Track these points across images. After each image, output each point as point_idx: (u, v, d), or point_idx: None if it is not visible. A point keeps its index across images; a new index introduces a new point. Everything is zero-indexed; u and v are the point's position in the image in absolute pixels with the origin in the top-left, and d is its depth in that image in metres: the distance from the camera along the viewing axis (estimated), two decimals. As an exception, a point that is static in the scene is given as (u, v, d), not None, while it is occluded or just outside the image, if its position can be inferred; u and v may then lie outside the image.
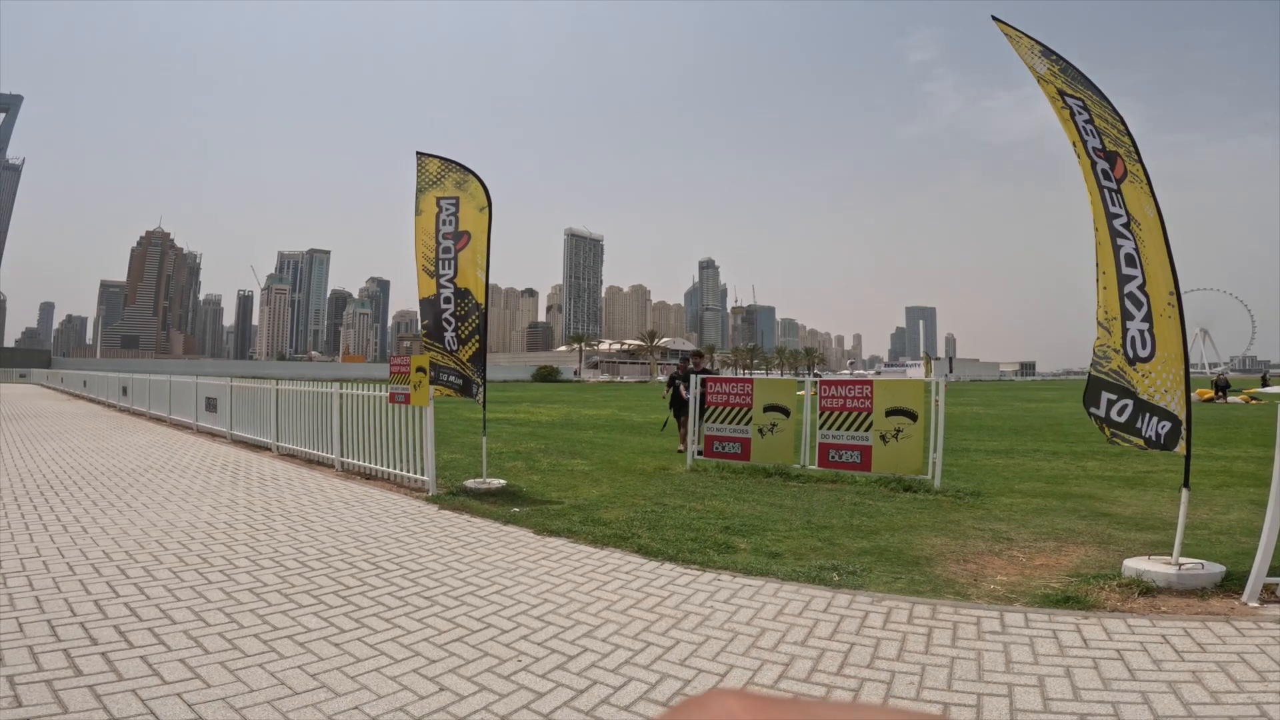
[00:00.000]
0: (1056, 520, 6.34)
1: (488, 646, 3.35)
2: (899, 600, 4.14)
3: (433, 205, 7.45)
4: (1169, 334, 4.46)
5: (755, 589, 4.32)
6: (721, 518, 6.26)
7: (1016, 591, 4.33)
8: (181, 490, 7.29)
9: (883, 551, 5.19)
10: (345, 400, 8.87)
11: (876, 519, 6.28)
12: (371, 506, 6.65)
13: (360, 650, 3.24)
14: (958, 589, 4.37)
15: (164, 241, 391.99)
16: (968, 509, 6.77)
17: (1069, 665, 3.25)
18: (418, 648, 3.30)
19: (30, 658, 3.02)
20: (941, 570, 4.76)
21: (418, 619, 3.68)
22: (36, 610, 3.62)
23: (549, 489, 7.65)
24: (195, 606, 3.75)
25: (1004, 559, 5.07)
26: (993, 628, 3.70)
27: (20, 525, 5.57)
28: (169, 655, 3.09)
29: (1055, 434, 15.13)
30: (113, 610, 3.65)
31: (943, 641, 3.53)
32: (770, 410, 8.68)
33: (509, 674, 3.06)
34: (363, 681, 2.92)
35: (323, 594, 4.03)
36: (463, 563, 4.79)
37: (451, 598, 4.04)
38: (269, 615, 3.65)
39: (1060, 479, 8.77)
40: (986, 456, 11.02)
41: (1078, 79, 4.80)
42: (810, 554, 5.12)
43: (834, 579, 4.53)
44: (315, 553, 4.94)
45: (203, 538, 5.30)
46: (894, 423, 7.74)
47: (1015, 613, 3.92)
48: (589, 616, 3.80)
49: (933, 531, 5.83)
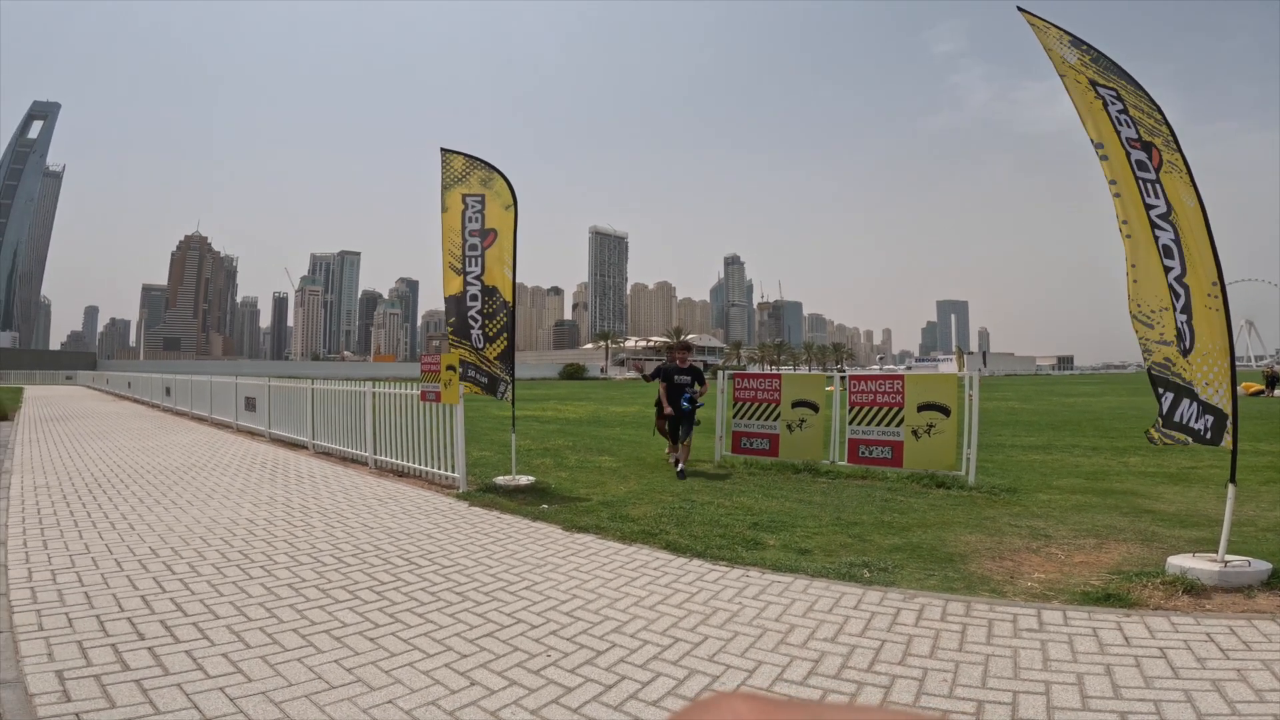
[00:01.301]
0: (1097, 517, 6.18)
1: (518, 641, 3.39)
2: (932, 597, 4.08)
3: (458, 202, 7.51)
4: (1211, 326, 4.32)
5: (784, 585, 4.30)
6: (750, 514, 6.23)
7: (1055, 589, 4.24)
8: (223, 488, 7.50)
9: (915, 548, 5.12)
10: (378, 399, 9.03)
11: (908, 515, 6.19)
12: (404, 503, 6.77)
13: (394, 645, 3.30)
14: (993, 586, 4.29)
15: (202, 245, 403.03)
16: (1003, 505, 6.63)
17: (1109, 663, 3.18)
18: (450, 642, 3.36)
19: (80, 652, 3.13)
20: (976, 567, 4.68)
21: (450, 614, 3.74)
22: (86, 605, 3.75)
23: (577, 486, 7.69)
24: (237, 601, 3.86)
25: (1042, 556, 4.96)
26: (1030, 625, 3.63)
27: (70, 522, 5.79)
28: (212, 650, 3.19)
29: (1095, 429, 14.73)
30: (159, 605, 3.78)
31: (977, 639, 3.47)
32: (799, 406, 8.61)
33: (539, 669, 3.10)
34: (396, 676, 2.98)
35: (358, 589, 4.12)
36: (493, 559, 4.85)
37: (483, 593, 4.09)
38: (307, 610, 3.75)
39: (1101, 475, 8.54)
40: (1023, 452, 10.78)
41: (1110, 69, 4.68)
42: (840, 550, 5.07)
43: (865, 575, 4.48)
44: (351, 549, 5.05)
45: (244, 534, 5.45)
46: (926, 418, 7.62)
47: (1053, 610, 3.84)
48: (617, 612, 3.82)
49: (967, 528, 5.73)
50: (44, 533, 5.42)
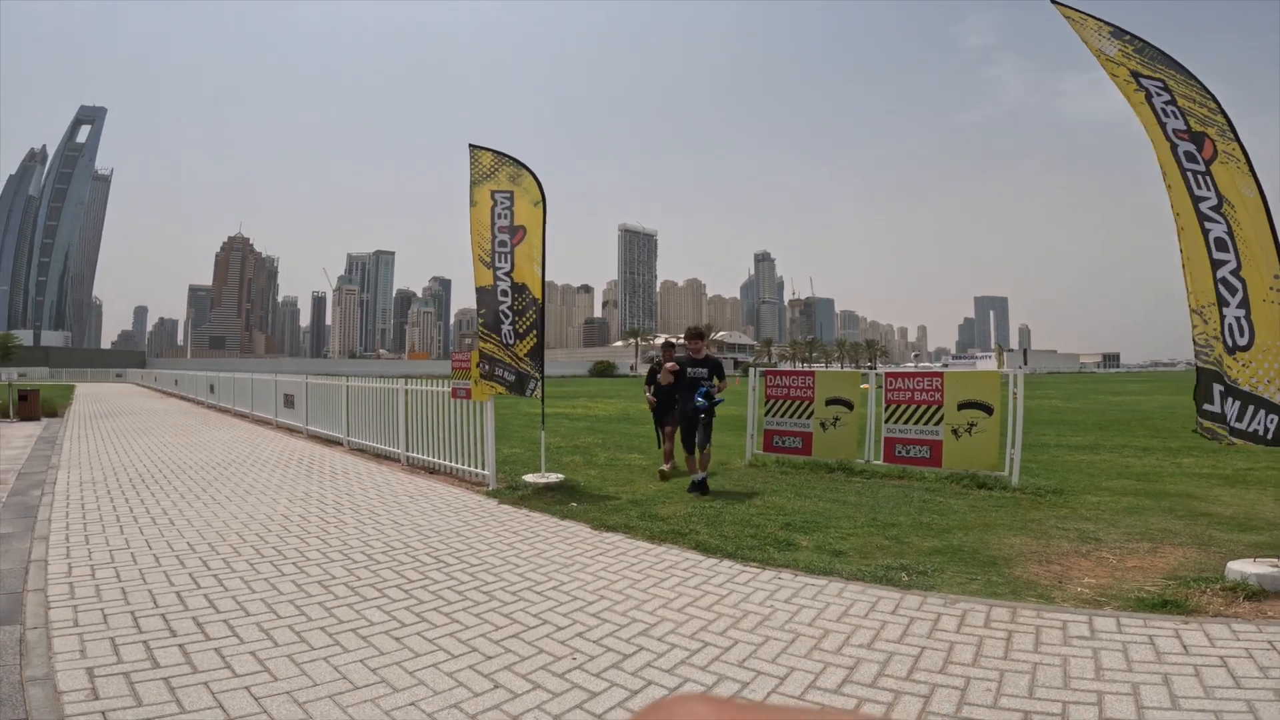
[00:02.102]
0: (1150, 520, 5.91)
1: (543, 644, 3.33)
2: (975, 602, 3.91)
3: (487, 198, 7.49)
4: (1271, 321, 4.06)
5: (818, 588, 4.17)
6: (782, 514, 6.09)
7: (1107, 595, 4.05)
8: (260, 484, 7.63)
9: (956, 551, 4.94)
10: (410, 396, 9.10)
11: (948, 517, 5.99)
12: (435, 500, 6.79)
13: (419, 645, 3.27)
14: (1040, 591, 4.11)
15: (244, 246, 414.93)
16: (1049, 507, 6.38)
17: (1167, 672, 3.01)
18: (475, 643, 3.31)
19: (111, 649, 3.16)
20: (1022, 571, 4.49)
21: (475, 614, 3.70)
22: (121, 602, 3.81)
23: (606, 484, 7.63)
24: (268, 599, 3.88)
25: (1092, 560, 4.75)
26: (1080, 633, 3.46)
27: (112, 518, 5.94)
28: (241, 648, 3.19)
29: (1145, 429, 14.18)
30: (193, 602, 3.82)
31: (1024, 646, 3.31)
32: (833, 403, 8.42)
33: (563, 672, 3.03)
34: (420, 677, 2.94)
35: (386, 587, 4.11)
36: (521, 558, 4.81)
37: (509, 593, 4.05)
38: (335, 608, 3.75)
39: (1153, 476, 8.19)
40: (1069, 452, 10.40)
41: (1157, 58, 4.46)
42: (876, 553, 4.91)
43: (903, 579, 4.33)
44: (381, 546, 5.06)
45: (279, 530, 5.51)
46: (967, 416, 7.37)
47: (1106, 617, 3.66)
48: (645, 614, 3.74)
49: (1011, 530, 5.52)
50: (86, 528, 5.55)
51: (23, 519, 5.90)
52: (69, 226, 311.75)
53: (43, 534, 5.36)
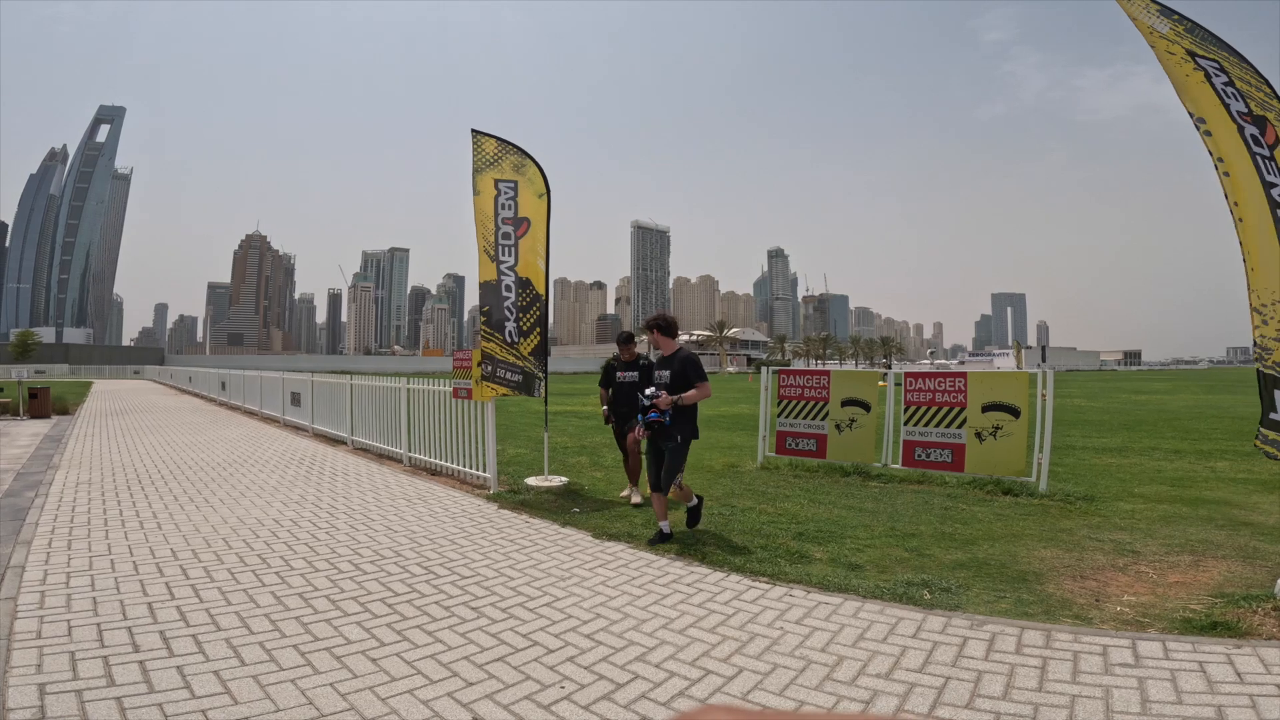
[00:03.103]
0: (1189, 530, 5.54)
1: (530, 669, 3.05)
2: (1004, 624, 3.59)
3: (490, 187, 7.21)
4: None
5: (832, 608, 3.86)
6: (795, 522, 5.78)
7: (1149, 614, 3.71)
8: (257, 486, 7.43)
9: (982, 565, 4.61)
10: (412, 395, 8.88)
11: (972, 526, 5.64)
12: (432, 504, 6.55)
13: (396, 668, 3.01)
14: (1076, 611, 3.78)
15: (262, 244, 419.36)
16: (1080, 516, 6.02)
17: (1221, 704, 2.71)
18: (456, 667, 3.04)
19: (69, 664, 2.95)
20: (1054, 588, 4.15)
21: (461, 633, 3.43)
22: (90, 613, 3.59)
23: (612, 487, 7.36)
24: (243, 612, 3.64)
25: (1130, 575, 4.40)
26: (1123, 659, 3.14)
27: (100, 521, 5.75)
28: (205, 666, 2.96)
29: (1174, 430, 13.65)
30: (163, 614, 3.59)
31: (1060, 676, 3.00)
32: (849, 404, 8.08)
33: (549, 703, 2.75)
34: (393, 705, 2.67)
35: (369, 601, 3.86)
36: (515, 569, 4.54)
37: (499, 609, 3.78)
38: (313, 624, 3.49)
39: (1186, 481, 7.77)
40: (1095, 455, 9.97)
41: (1209, 39, 4.12)
42: (896, 566, 4.59)
43: (925, 597, 4.00)
44: (370, 554, 4.82)
45: (267, 536, 5.29)
46: (992, 419, 7.01)
47: (1150, 640, 3.33)
48: (643, 637, 3.45)
49: (1040, 542, 5.17)
50: (71, 532, 5.36)
51: (10, 522, 5.72)
52: (90, 225, 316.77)
53: (27, 538, 5.18)
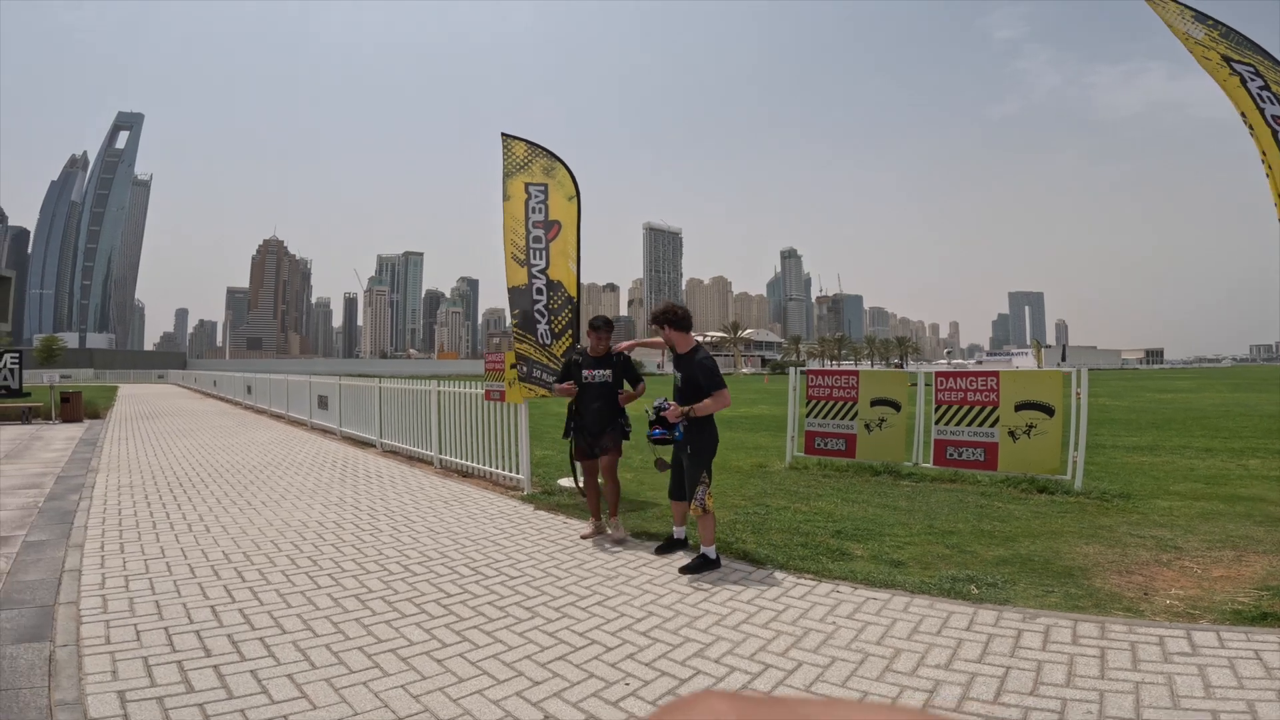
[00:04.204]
0: (1229, 526, 5.51)
1: (593, 666, 3.11)
2: (1057, 617, 3.62)
3: (521, 191, 7.26)
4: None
5: (881, 603, 3.89)
6: (831, 520, 5.80)
7: (1199, 607, 3.74)
8: (295, 488, 7.56)
9: (1025, 561, 4.61)
10: (443, 398, 8.98)
11: (1011, 524, 5.64)
12: (469, 506, 6.63)
13: (462, 668, 3.07)
14: (1126, 604, 3.80)
15: (279, 249, 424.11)
16: (1118, 513, 5.99)
17: (1280, 688, 2.74)
18: (520, 666, 3.11)
19: (144, 670, 3.01)
20: (1101, 583, 4.16)
21: (519, 632, 3.50)
22: (155, 617, 3.67)
23: (643, 488, 7.40)
24: (304, 614, 3.72)
25: (1175, 570, 4.40)
26: (1180, 648, 3.19)
27: (148, 524, 5.87)
28: (278, 670, 3.02)
29: (1203, 428, 13.50)
30: (228, 617, 3.66)
31: (1121, 664, 3.05)
32: (878, 404, 8.07)
33: (616, 699, 2.81)
34: (465, 706, 2.73)
35: (424, 602, 3.93)
36: (561, 569, 4.60)
37: (552, 609, 3.84)
38: (373, 625, 3.57)
39: (1220, 479, 7.70)
40: (1126, 454, 9.89)
41: (1243, 43, 4.16)
42: (938, 563, 4.61)
43: (972, 592, 4.03)
44: (417, 555, 4.90)
45: (314, 538, 5.38)
46: (1026, 417, 6.98)
47: (1204, 631, 3.38)
48: (698, 633, 3.50)
49: (1081, 538, 5.16)
50: (122, 535, 5.48)
51: (58, 525, 5.86)
52: (111, 231, 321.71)
53: (78, 542, 5.29)
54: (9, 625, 3.56)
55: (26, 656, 3.15)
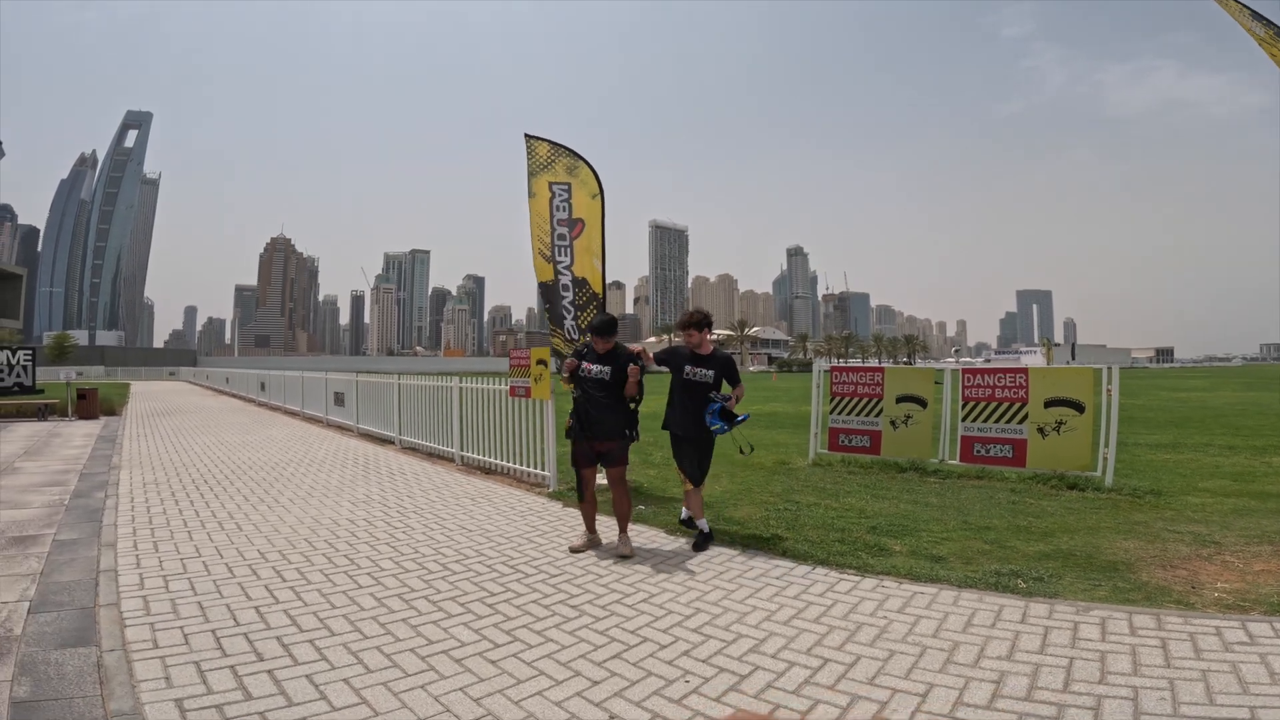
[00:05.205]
0: (1263, 522, 5.49)
1: (649, 664, 3.09)
2: (1111, 610, 3.62)
3: (545, 190, 7.30)
4: None
5: (930, 597, 3.87)
6: (864, 516, 5.77)
7: (1247, 600, 3.74)
8: (321, 486, 7.56)
9: (1067, 556, 4.58)
10: (465, 394, 8.97)
11: (1046, 519, 5.60)
12: (496, 503, 6.62)
13: (518, 669, 3.05)
14: (1176, 597, 3.80)
15: (287, 247, 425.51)
16: (1151, 509, 5.95)
17: (1344, 674, 2.77)
18: (576, 665, 3.09)
19: (198, 676, 2.95)
20: (1148, 576, 4.15)
21: (568, 631, 3.48)
22: (200, 619, 3.61)
23: (668, 485, 7.38)
24: (350, 615, 3.69)
25: (1217, 564, 4.38)
26: (1238, 639, 3.22)
27: (179, 523, 5.87)
28: (333, 674, 2.98)
29: (1222, 426, 13.46)
30: (274, 619, 3.62)
31: (1184, 654, 3.07)
32: (904, 401, 8.03)
33: (679, 697, 2.78)
34: (528, 708, 2.70)
35: (468, 601, 3.91)
36: (601, 566, 4.58)
37: (599, 606, 3.82)
38: (421, 626, 3.54)
39: (1247, 476, 7.67)
40: (1150, 451, 9.86)
41: None
42: (979, 558, 4.58)
43: (1020, 586, 4.01)
44: (453, 554, 4.88)
45: (347, 536, 5.38)
46: (1055, 414, 6.93)
47: (1258, 622, 3.41)
48: (750, 629, 3.48)
49: (1118, 534, 5.13)
50: (154, 534, 5.47)
51: (87, 523, 5.84)
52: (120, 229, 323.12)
53: (109, 540, 5.25)
54: (50, 629, 3.48)
55: (74, 663, 3.08)
